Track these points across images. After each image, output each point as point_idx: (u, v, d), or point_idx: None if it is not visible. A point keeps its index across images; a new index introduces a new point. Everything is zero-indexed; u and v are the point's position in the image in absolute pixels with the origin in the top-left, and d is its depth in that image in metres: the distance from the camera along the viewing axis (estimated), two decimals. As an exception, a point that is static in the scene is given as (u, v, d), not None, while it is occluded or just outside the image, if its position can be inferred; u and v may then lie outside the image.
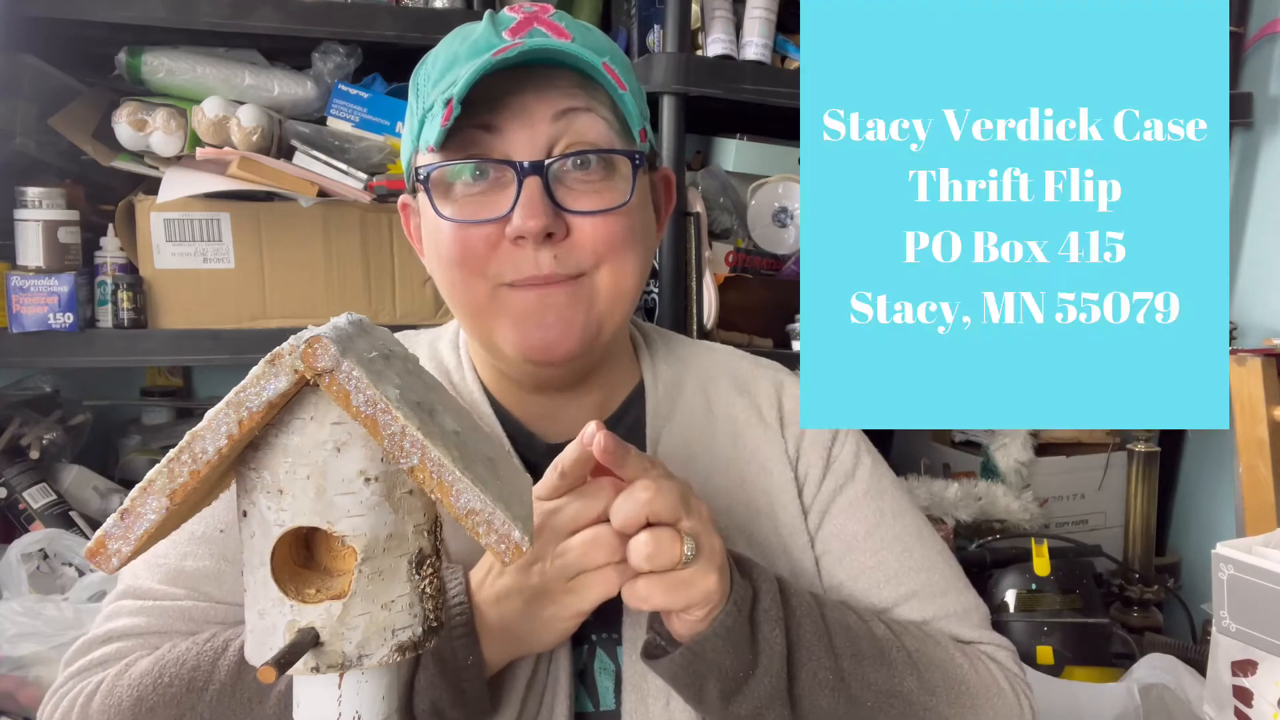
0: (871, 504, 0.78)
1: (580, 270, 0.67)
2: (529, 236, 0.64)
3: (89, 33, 1.22)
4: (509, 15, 0.69)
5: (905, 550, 0.77)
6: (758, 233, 1.45)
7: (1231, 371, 1.32)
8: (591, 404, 0.77)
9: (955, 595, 0.77)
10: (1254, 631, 0.85)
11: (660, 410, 0.77)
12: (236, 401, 0.42)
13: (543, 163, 0.65)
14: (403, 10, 1.28)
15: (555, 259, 0.66)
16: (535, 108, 0.65)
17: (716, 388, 0.80)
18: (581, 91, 0.66)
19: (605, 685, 0.70)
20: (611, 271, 0.68)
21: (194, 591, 0.70)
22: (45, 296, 1.19)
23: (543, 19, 0.69)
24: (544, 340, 0.67)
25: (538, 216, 0.64)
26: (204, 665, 0.64)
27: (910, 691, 0.68)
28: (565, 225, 0.66)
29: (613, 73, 0.65)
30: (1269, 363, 1.31)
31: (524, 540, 0.44)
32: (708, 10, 1.40)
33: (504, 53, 0.62)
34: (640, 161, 0.68)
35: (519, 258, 0.66)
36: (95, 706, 0.65)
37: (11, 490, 1.28)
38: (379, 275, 1.29)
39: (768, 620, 0.64)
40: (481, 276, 0.67)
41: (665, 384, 0.79)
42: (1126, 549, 1.56)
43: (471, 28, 0.69)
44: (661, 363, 0.80)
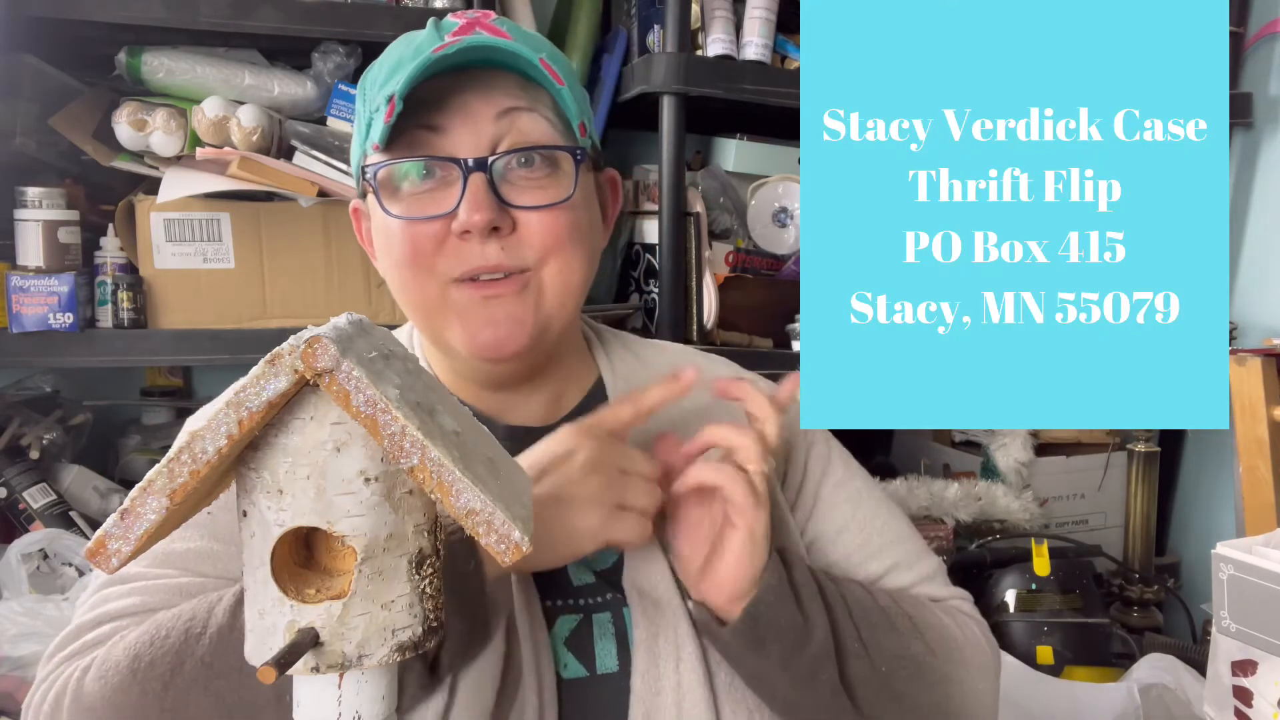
0: (850, 486, 0.82)
1: (525, 265, 0.69)
2: (474, 230, 0.66)
3: (89, 33, 1.22)
4: (452, 21, 0.72)
5: (884, 525, 0.81)
6: (758, 233, 1.45)
7: (1231, 371, 1.32)
8: (546, 399, 0.78)
9: (925, 559, 0.82)
10: (1254, 631, 0.85)
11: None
12: (236, 401, 0.42)
13: (486, 159, 0.67)
14: (403, 10, 1.28)
15: (502, 250, 0.67)
16: (478, 107, 0.67)
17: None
18: (523, 92, 0.68)
19: (605, 649, 0.71)
20: (557, 267, 0.69)
21: (186, 570, 0.69)
22: (45, 296, 1.19)
23: (484, 23, 0.71)
24: (494, 337, 0.69)
25: (482, 210, 0.65)
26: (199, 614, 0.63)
27: (918, 653, 0.72)
28: (511, 220, 0.68)
29: (550, 69, 0.67)
30: (1269, 363, 1.31)
31: (524, 540, 0.44)
32: (708, 10, 1.40)
33: (443, 49, 0.64)
34: (581, 157, 0.70)
35: (466, 252, 0.67)
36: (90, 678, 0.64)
37: (11, 490, 1.28)
38: (379, 275, 1.29)
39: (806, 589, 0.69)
40: (430, 274, 0.68)
41: (624, 378, 0.80)
42: (1126, 549, 1.56)
43: (414, 35, 0.72)
44: (619, 360, 0.82)
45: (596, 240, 0.75)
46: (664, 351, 0.86)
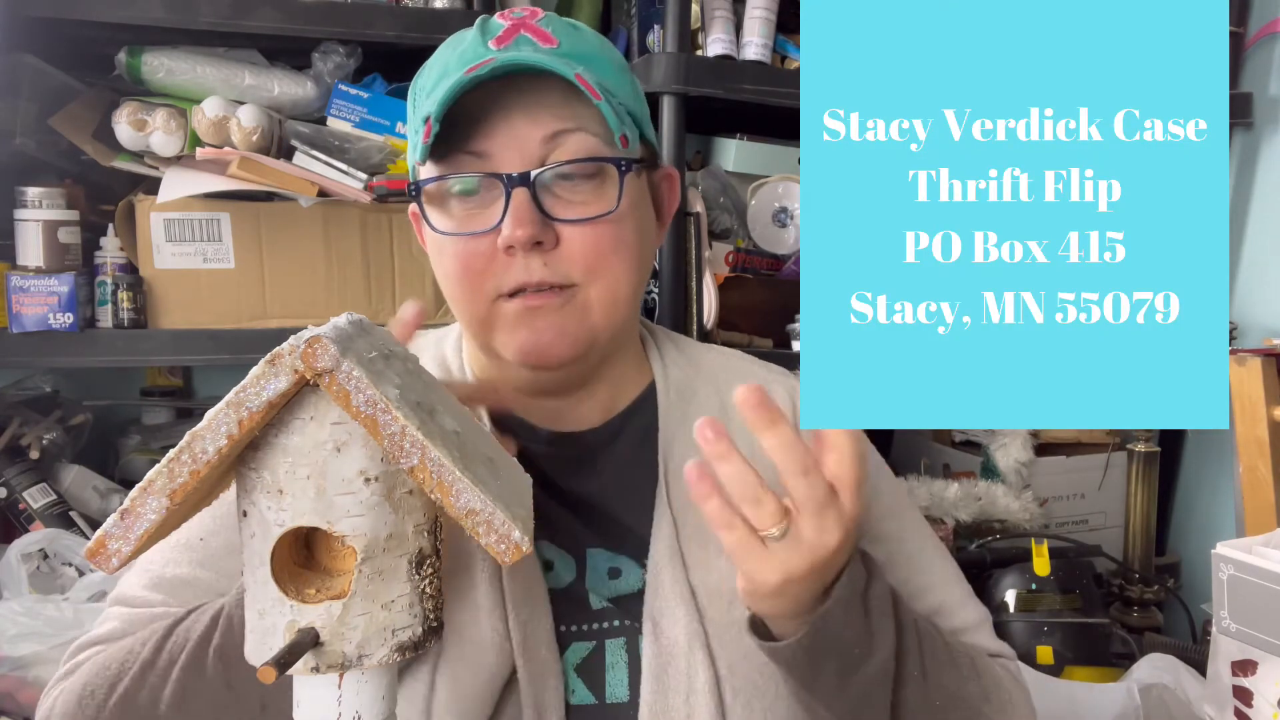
0: (897, 520, 0.79)
1: (570, 280, 0.68)
2: (517, 245, 0.66)
3: (89, 33, 1.22)
4: (498, 23, 0.70)
5: (929, 565, 0.78)
6: (758, 233, 1.45)
7: (1231, 371, 1.32)
8: (597, 402, 0.77)
9: (972, 606, 0.79)
10: (1254, 631, 0.85)
11: (673, 413, 0.77)
12: (236, 401, 0.42)
13: (529, 174, 0.66)
14: (403, 10, 1.28)
15: (545, 266, 0.67)
16: (525, 131, 0.67)
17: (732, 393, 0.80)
18: (568, 110, 0.67)
19: (617, 678, 0.70)
20: (604, 284, 0.69)
21: (170, 598, 0.71)
22: (45, 296, 1.19)
23: (530, 24, 0.70)
24: (537, 344, 0.68)
25: (524, 225, 0.65)
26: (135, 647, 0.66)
27: (972, 696, 0.69)
28: (555, 234, 0.67)
29: (587, 83, 0.65)
30: (1269, 363, 1.31)
31: (524, 540, 0.44)
32: (708, 10, 1.40)
33: (476, 70, 0.64)
34: (626, 168, 0.69)
35: (512, 267, 0.67)
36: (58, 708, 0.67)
37: (11, 490, 1.28)
38: (379, 275, 1.29)
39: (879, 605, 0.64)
40: (479, 290, 0.68)
41: (677, 386, 0.79)
42: (1126, 549, 1.56)
43: (462, 36, 0.71)
44: (673, 365, 0.80)
45: (647, 246, 0.74)
46: (724, 356, 0.84)
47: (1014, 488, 1.53)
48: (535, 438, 0.76)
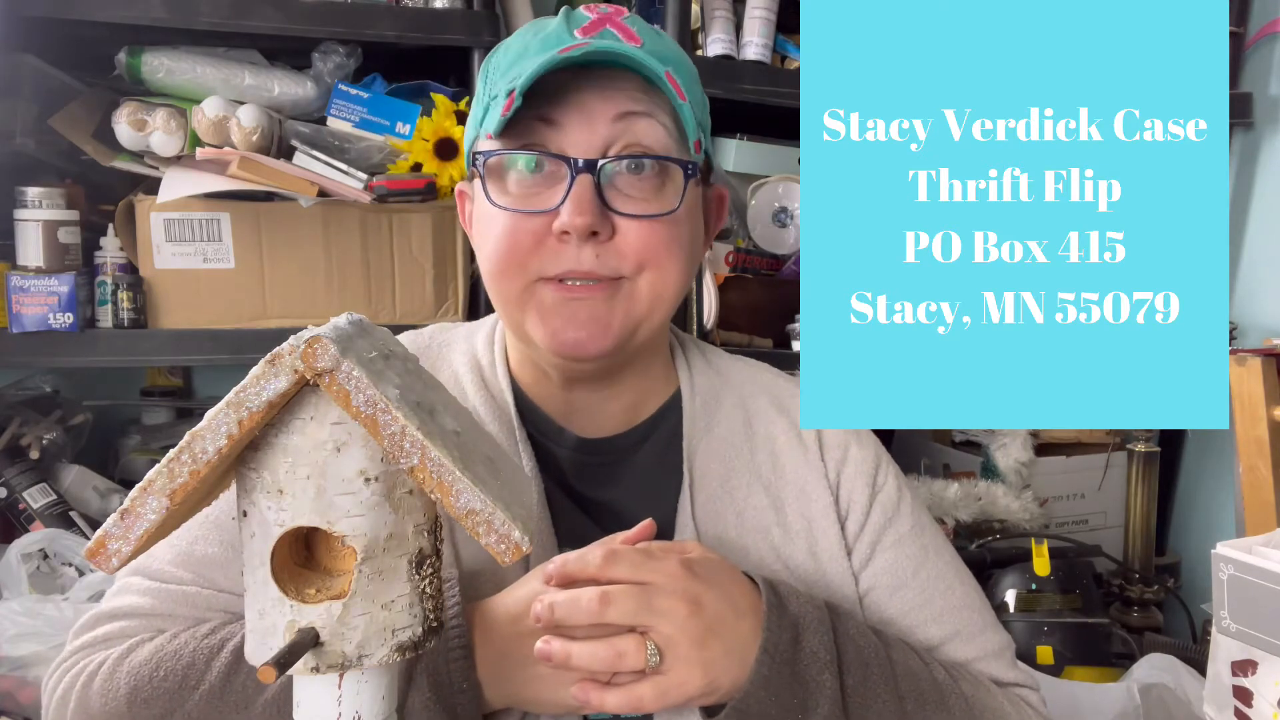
0: (917, 540, 0.77)
1: (619, 274, 0.68)
2: (574, 232, 0.65)
3: (89, 33, 1.22)
4: (584, 14, 0.70)
5: (948, 588, 0.76)
6: (758, 233, 1.45)
7: (1231, 371, 1.32)
8: (624, 405, 0.77)
9: (992, 633, 0.77)
10: (1254, 631, 0.85)
11: (697, 422, 0.77)
12: (236, 401, 0.42)
13: (596, 161, 0.66)
14: (403, 10, 1.28)
15: (596, 258, 0.66)
16: (597, 106, 0.66)
17: (756, 404, 0.79)
18: (644, 96, 0.67)
19: None
20: (652, 279, 0.68)
21: (200, 577, 0.70)
22: (45, 296, 1.19)
23: (615, 20, 0.70)
24: (574, 338, 0.68)
25: (585, 214, 0.65)
26: (199, 663, 0.64)
27: None
28: (611, 226, 0.67)
29: (675, 83, 0.65)
30: (1269, 363, 1.31)
31: (524, 540, 0.44)
32: (708, 10, 1.40)
33: (569, 51, 0.63)
34: (693, 172, 0.68)
35: (562, 253, 0.67)
36: (95, 689, 0.66)
37: (11, 490, 1.27)
38: (379, 275, 1.29)
39: (815, 663, 0.63)
40: (523, 269, 0.68)
41: (703, 395, 0.79)
42: (1126, 549, 1.56)
43: (545, 22, 0.71)
44: (699, 374, 0.80)
45: (696, 254, 0.73)
46: (751, 369, 0.84)
47: (1014, 488, 1.53)
48: (562, 441, 0.75)
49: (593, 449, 0.76)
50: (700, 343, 0.86)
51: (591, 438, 0.76)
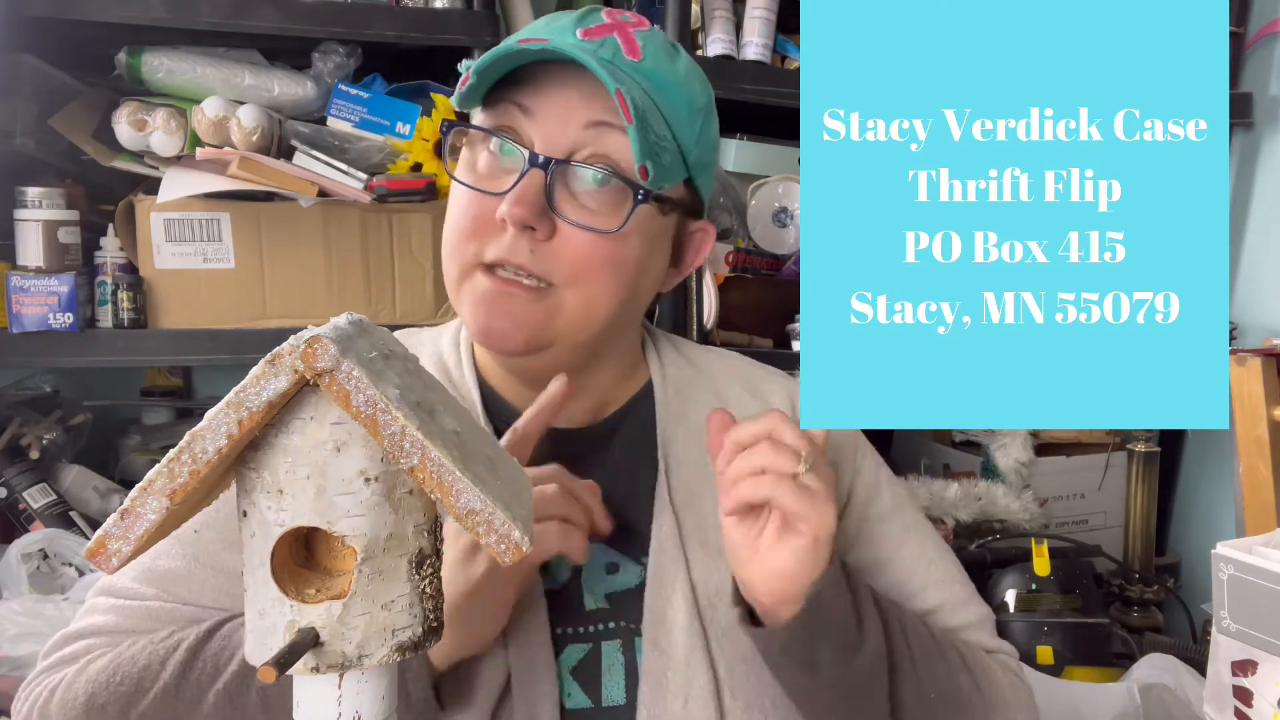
0: (898, 518, 0.79)
1: (549, 279, 0.67)
2: (510, 222, 0.66)
3: (89, 33, 1.22)
4: (600, 16, 0.70)
5: (930, 563, 0.78)
6: (758, 233, 1.45)
7: (1231, 371, 1.32)
8: (591, 398, 0.77)
9: (973, 605, 0.79)
10: (1254, 631, 0.85)
11: (671, 411, 0.77)
12: (236, 401, 0.42)
13: (551, 160, 0.66)
14: (403, 10, 1.28)
15: (531, 254, 0.67)
16: (574, 107, 0.66)
17: (730, 392, 0.80)
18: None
19: (613, 681, 0.70)
20: (582, 294, 0.68)
21: (163, 591, 0.70)
22: (45, 296, 1.19)
23: (627, 31, 0.70)
24: (494, 329, 0.68)
25: (523, 205, 0.65)
26: (154, 665, 0.64)
27: (963, 688, 0.70)
28: (551, 226, 0.67)
29: (623, 101, 0.63)
30: (1269, 363, 1.31)
31: (524, 540, 0.44)
32: (708, 10, 1.40)
33: (527, 44, 0.64)
34: (642, 198, 0.68)
35: (501, 239, 0.67)
36: (54, 703, 0.66)
37: (11, 490, 1.27)
38: (379, 275, 1.29)
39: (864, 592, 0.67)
40: (465, 250, 0.68)
41: (675, 385, 0.79)
42: (1126, 549, 1.56)
43: (561, 15, 0.71)
44: (670, 364, 0.80)
45: (645, 281, 0.73)
46: (723, 359, 0.84)
47: (1014, 488, 1.53)
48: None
49: (563, 439, 0.76)
50: (673, 336, 0.86)
51: (562, 428, 0.76)
